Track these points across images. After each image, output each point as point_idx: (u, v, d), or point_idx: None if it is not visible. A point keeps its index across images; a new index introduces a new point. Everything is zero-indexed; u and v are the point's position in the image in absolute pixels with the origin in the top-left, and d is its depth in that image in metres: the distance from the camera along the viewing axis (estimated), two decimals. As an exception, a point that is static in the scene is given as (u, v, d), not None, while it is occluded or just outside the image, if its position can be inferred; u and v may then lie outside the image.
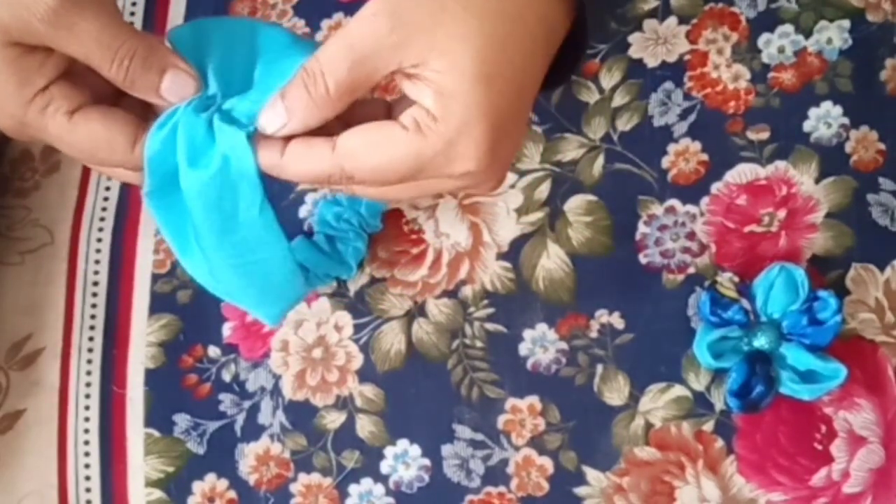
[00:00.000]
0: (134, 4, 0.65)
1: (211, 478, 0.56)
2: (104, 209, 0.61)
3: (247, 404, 0.57)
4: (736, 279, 0.53)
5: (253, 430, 0.56)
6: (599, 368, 0.55)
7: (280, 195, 0.58)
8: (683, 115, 0.57)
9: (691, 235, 0.56)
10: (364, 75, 0.34)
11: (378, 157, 0.34)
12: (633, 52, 0.58)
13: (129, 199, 0.61)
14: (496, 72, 0.34)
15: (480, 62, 0.34)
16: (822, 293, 0.51)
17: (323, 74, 0.34)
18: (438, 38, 0.33)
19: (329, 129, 0.36)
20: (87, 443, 0.57)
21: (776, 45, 0.57)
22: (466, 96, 0.34)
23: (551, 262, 0.56)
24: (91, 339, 0.59)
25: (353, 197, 0.49)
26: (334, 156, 0.35)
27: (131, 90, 0.36)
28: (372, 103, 0.38)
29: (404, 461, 0.55)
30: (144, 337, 0.58)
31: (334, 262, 0.55)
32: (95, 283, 0.59)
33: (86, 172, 0.62)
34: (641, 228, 0.56)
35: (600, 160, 0.57)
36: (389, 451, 0.55)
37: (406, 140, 0.34)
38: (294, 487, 0.55)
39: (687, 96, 0.57)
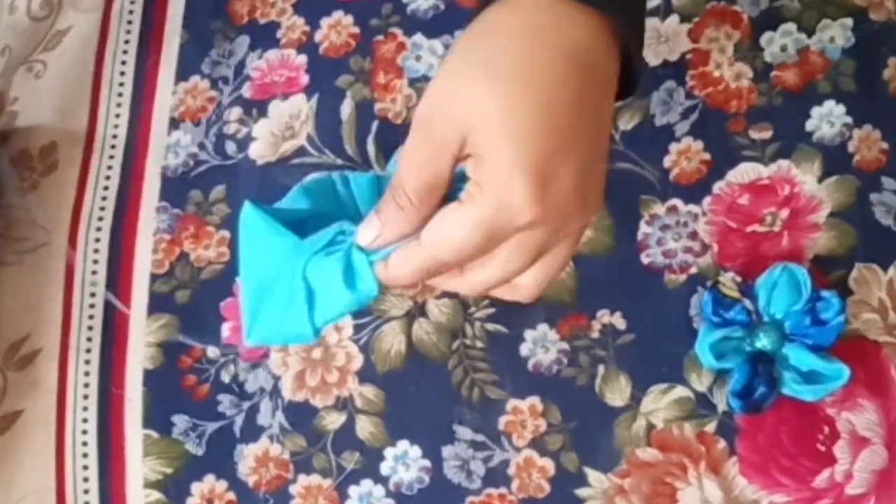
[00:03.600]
0: (132, 3, 0.65)
1: (210, 479, 0.56)
2: (102, 209, 0.61)
3: (246, 405, 0.57)
4: (738, 279, 0.53)
5: (252, 431, 0.56)
6: (601, 369, 0.54)
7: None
8: (685, 115, 0.57)
9: (693, 235, 0.55)
10: (431, 176, 0.38)
11: (451, 235, 0.38)
12: (635, 51, 0.58)
13: (127, 200, 0.61)
14: (525, 124, 0.36)
15: (506, 120, 0.36)
16: (824, 293, 0.50)
17: (402, 186, 0.38)
18: (466, 116, 0.36)
19: None
20: (85, 444, 0.57)
21: (778, 43, 0.57)
22: (498, 156, 0.36)
23: (552, 262, 0.56)
24: (89, 339, 0.58)
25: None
26: (422, 249, 0.38)
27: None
28: None
29: (404, 462, 0.55)
30: (143, 337, 0.58)
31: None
32: (94, 284, 0.59)
33: (84, 172, 0.61)
34: (643, 228, 0.56)
35: (602, 159, 0.57)
36: (389, 453, 0.55)
37: (465, 212, 0.37)
38: (294, 489, 0.55)
39: (689, 95, 0.57)
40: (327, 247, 0.40)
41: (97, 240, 0.60)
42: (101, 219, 0.60)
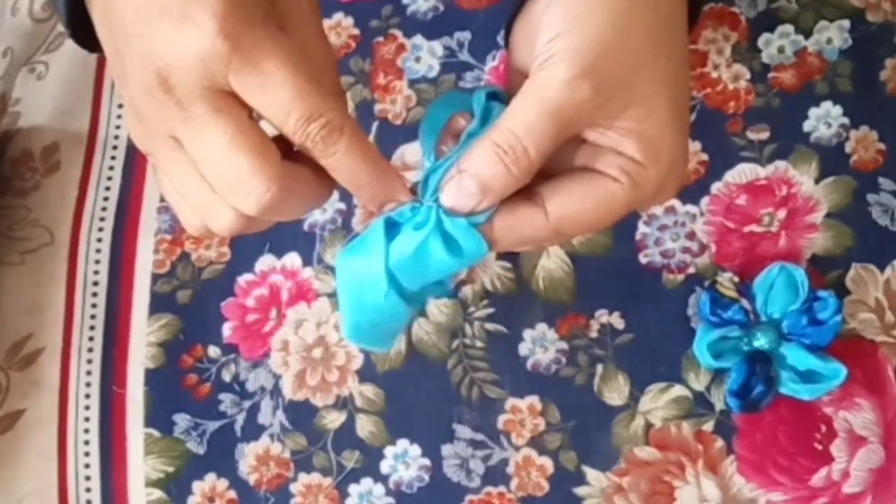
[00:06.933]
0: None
1: (211, 478, 0.56)
2: (104, 209, 0.61)
3: (247, 404, 0.57)
4: (736, 279, 0.53)
5: (253, 430, 0.56)
6: (599, 368, 0.55)
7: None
8: (683, 115, 0.57)
9: (691, 235, 0.56)
10: (565, 137, 0.33)
11: (596, 215, 0.34)
12: (633, 52, 0.58)
13: (129, 199, 0.61)
14: (683, 107, 0.34)
15: (673, 103, 0.33)
16: (821, 293, 0.51)
17: (526, 149, 0.32)
18: (636, 89, 0.33)
19: None
20: (87, 443, 0.57)
21: (776, 44, 0.57)
22: (669, 139, 0.33)
23: (551, 262, 0.56)
24: (91, 338, 0.59)
25: None
26: (550, 223, 0.34)
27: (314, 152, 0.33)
28: None
29: (404, 461, 0.55)
30: (144, 337, 0.58)
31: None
32: (95, 283, 0.60)
33: (86, 172, 0.62)
34: (641, 228, 0.56)
35: (600, 160, 0.57)
36: (389, 451, 0.55)
37: (623, 193, 0.33)
38: (294, 487, 0.55)
39: (687, 96, 0.57)
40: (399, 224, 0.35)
41: (99, 240, 0.60)
42: (102, 219, 0.61)
